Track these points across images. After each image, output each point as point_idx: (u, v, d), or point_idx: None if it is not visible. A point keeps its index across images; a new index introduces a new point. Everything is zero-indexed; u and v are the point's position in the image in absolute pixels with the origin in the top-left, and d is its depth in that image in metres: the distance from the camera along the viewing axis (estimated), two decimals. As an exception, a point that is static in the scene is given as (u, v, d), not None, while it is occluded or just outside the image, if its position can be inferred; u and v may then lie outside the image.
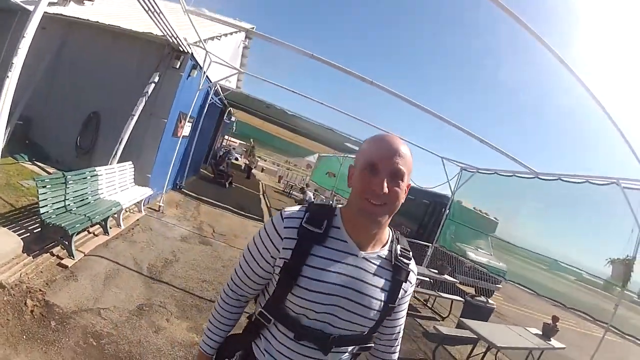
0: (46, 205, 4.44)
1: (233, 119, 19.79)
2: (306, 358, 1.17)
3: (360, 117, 10.19)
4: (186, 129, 9.55)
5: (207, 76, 8.89)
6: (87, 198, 5.46)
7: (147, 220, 7.17)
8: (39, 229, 4.58)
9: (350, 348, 1.25)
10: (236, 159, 31.51)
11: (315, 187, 22.79)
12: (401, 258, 1.24)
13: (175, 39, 6.96)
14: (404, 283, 1.24)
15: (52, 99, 8.15)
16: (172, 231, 7.04)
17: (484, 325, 5.64)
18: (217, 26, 9.91)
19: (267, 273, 1.24)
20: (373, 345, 1.31)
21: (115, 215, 6.08)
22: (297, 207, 1.25)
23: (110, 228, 5.82)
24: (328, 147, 17.80)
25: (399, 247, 1.26)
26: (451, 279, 7.89)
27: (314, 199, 14.28)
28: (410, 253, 1.29)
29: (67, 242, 4.55)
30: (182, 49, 7.56)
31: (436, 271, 7.81)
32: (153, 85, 7.50)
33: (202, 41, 7.58)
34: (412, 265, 1.28)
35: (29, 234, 4.49)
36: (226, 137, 28.52)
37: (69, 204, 4.94)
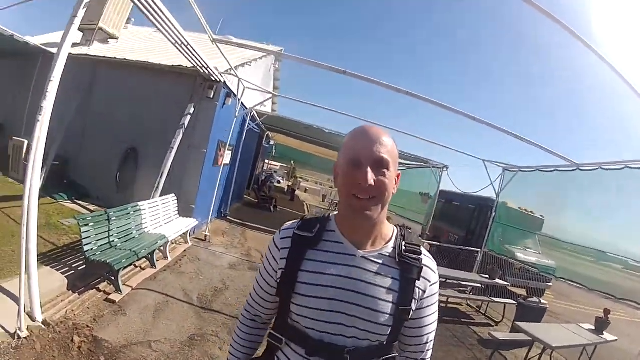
0: (90, 243, 4.50)
1: (272, 142, 20.10)
2: None
3: (395, 127, 10.18)
4: (226, 158, 9.64)
5: (242, 103, 8.98)
6: (132, 233, 5.52)
7: (194, 250, 7.18)
8: (84, 266, 4.62)
9: None
10: (278, 182, 32.16)
11: None
12: (407, 254, 1.13)
13: (206, 69, 7.06)
14: (417, 281, 1.12)
15: (87, 137, 8.52)
16: (220, 259, 6.98)
17: (538, 327, 5.61)
18: (245, 52, 10.09)
19: (273, 288, 1.21)
20: (397, 356, 1.17)
21: (162, 248, 6.12)
22: (295, 220, 1.23)
23: (157, 261, 5.84)
24: None
25: (404, 242, 1.16)
26: (502, 282, 7.82)
27: None
28: (421, 248, 1.18)
29: (113, 278, 4.57)
30: (214, 79, 7.66)
31: (487, 276, 7.77)
32: (189, 116, 7.64)
33: (233, 69, 7.66)
34: (427, 260, 1.18)
35: (73, 271, 4.52)
36: (267, 161, 28.99)
37: (113, 240, 4.99)
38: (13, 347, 3.08)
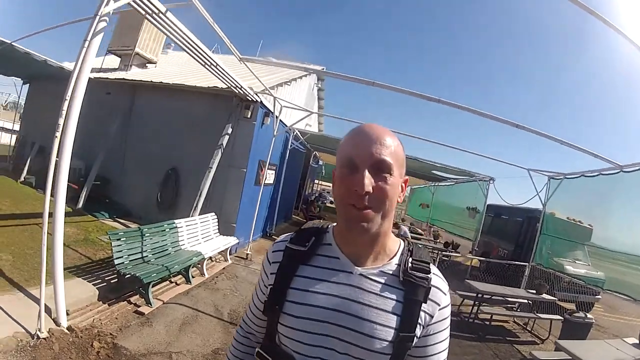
0: (121, 257, 4.68)
1: (320, 162, 20.16)
2: None
3: (440, 141, 10.01)
4: (269, 177, 9.76)
5: (281, 122, 9.10)
6: (167, 249, 5.67)
7: (233, 268, 7.22)
8: (116, 280, 4.79)
9: None
10: (330, 202, 32.59)
11: (410, 221, 22.03)
12: (413, 272, 0.96)
13: (240, 89, 7.26)
14: (423, 304, 0.95)
15: (128, 158, 9.01)
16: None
17: (581, 345, 5.39)
18: (287, 72, 10.30)
19: (263, 305, 1.08)
20: None
21: (199, 265, 6.22)
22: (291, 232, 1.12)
23: (193, 277, 5.94)
24: (416, 178, 17.42)
25: (410, 259, 0.99)
26: (549, 297, 7.54)
27: (409, 232, 13.88)
28: (430, 266, 1.00)
29: (144, 291, 4.70)
30: (250, 98, 7.85)
31: (534, 291, 7.52)
32: (227, 136, 7.85)
33: (268, 89, 7.82)
34: (436, 280, 1.00)
35: (105, 283, 4.72)
36: (317, 181, 29.23)
37: (146, 255, 5.15)
38: (31, 345, 3.24)
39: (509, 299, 7.64)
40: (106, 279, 4.85)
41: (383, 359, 0.91)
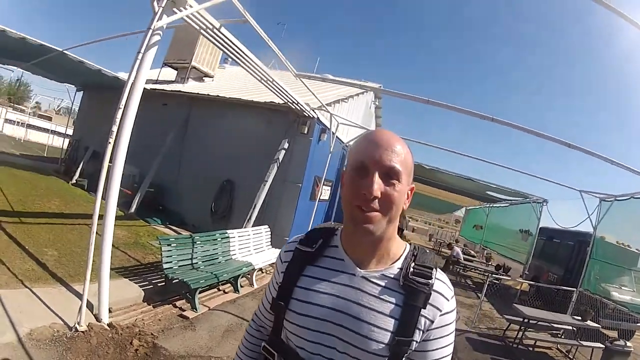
0: (170, 262, 4.87)
1: None
2: None
3: (494, 161, 9.64)
4: (324, 193, 9.79)
5: (338, 138, 9.13)
6: (217, 258, 5.83)
7: (284, 280, 7.24)
8: (163, 283, 4.99)
9: None
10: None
11: (464, 242, 21.78)
12: (414, 277, 0.97)
13: (297, 105, 7.41)
14: (422, 309, 0.96)
15: (183, 168, 9.41)
16: None
17: None
18: (343, 89, 10.34)
19: None
20: None
21: (248, 275, 6.33)
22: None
23: (242, 287, 6.04)
24: (471, 199, 16.99)
25: (413, 264, 1.00)
26: (593, 324, 7.31)
27: (462, 254, 13.69)
28: (433, 271, 0.99)
29: (190, 296, 4.83)
30: (306, 114, 7.98)
31: (579, 318, 7.33)
32: (283, 151, 8.02)
33: (324, 105, 7.92)
34: (439, 285, 0.99)
35: (151, 286, 4.92)
36: None
37: (196, 262, 5.33)
38: (67, 337, 3.43)
39: (555, 325, 7.43)
40: (153, 281, 5.05)
41: None
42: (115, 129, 3.68)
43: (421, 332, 0.96)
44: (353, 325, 0.94)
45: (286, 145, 8.06)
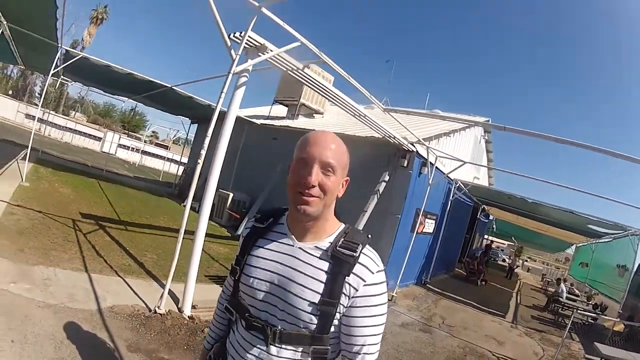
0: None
1: (491, 217, 19.14)
2: (253, 348, 1.20)
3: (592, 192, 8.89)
4: (428, 226, 9.76)
5: (441, 172, 9.13)
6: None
7: (376, 307, 7.36)
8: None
9: (300, 348, 1.17)
10: (503, 259, 31.78)
11: (571, 282, 19.44)
12: (340, 249, 1.15)
13: (394, 139, 7.74)
14: (347, 277, 1.13)
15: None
16: (395, 318, 6.85)
17: None
18: (449, 123, 10.34)
19: None
20: (329, 349, 1.18)
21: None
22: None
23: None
24: (578, 235, 15.15)
25: (342, 240, 1.18)
26: None
27: (566, 292, 12.73)
28: (360, 246, 1.16)
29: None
30: (406, 148, 8.24)
31: None
32: (384, 183, 8.35)
33: (421, 140, 8.11)
34: (365, 259, 1.15)
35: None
36: (486, 236, 27.27)
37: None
38: (145, 316, 4.01)
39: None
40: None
41: (311, 319, 1.12)
42: (203, 152, 4.50)
43: (347, 298, 1.12)
44: (289, 287, 1.13)
45: (387, 178, 8.37)
